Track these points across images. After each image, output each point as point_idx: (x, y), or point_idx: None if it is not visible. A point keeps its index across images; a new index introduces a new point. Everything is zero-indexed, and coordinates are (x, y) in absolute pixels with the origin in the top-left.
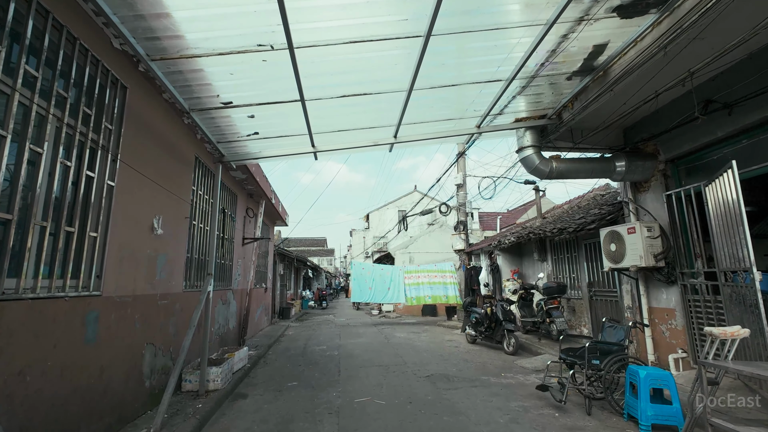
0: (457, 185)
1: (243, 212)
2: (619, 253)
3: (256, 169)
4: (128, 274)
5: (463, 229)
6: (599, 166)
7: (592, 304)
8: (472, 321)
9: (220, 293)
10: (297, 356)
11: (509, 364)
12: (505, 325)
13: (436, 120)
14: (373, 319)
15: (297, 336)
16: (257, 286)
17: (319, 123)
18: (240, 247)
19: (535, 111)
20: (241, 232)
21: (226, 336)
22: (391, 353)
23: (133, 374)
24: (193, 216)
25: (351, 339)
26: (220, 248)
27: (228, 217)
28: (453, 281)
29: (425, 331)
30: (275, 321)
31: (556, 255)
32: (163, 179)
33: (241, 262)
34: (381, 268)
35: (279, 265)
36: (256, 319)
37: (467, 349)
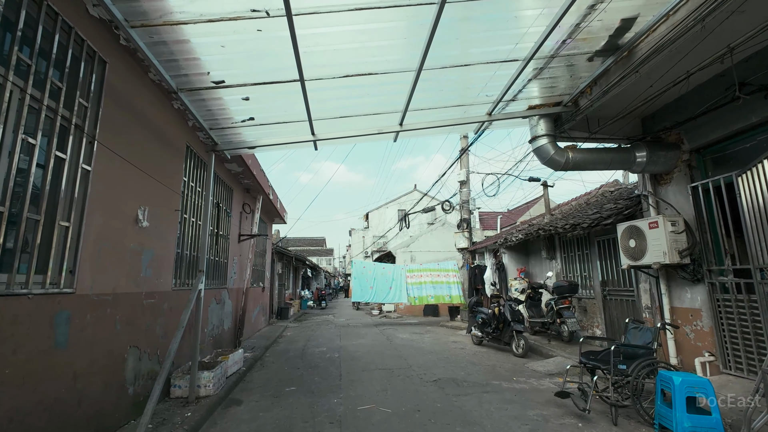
0: (460, 182)
1: (239, 208)
2: (639, 249)
3: (252, 161)
4: (108, 270)
5: (467, 227)
6: (618, 156)
7: (605, 304)
8: (479, 322)
9: (214, 292)
10: (296, 358)
11: (520, 367)
12: (514, 326)
13: (444, 106)
14: (374, 319)
15: (296, 337)
16: (254, 285)
17: (319, 108)
18: (236, 244)
19: (549, 98)
20: (237, 229)
21: (221, 337)
22: (394, 355)
23: (113, 381)
24: (184, 209)
25: (352, 340)
26: (214, 245)
27: (223, 212)
28: (456, 280)
29: (428, 331)
30: (273, 321)
31: (565, 253)
32: (150, 167)
33: (237, 259)
34: (382, 267)
35: (277, 264)
36: (253, 320)
37: (474, 351)
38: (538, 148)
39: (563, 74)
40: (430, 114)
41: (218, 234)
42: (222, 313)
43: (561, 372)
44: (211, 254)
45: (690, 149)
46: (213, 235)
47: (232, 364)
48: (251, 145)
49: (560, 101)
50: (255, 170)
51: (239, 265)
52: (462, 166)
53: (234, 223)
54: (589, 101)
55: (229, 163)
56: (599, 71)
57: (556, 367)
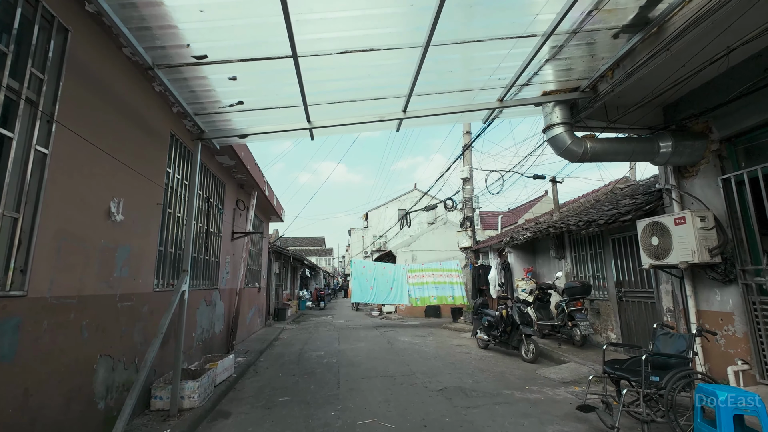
0: (463, 179)
1: (232, 204)
2: (663, 247)
3: (245, 154)
4: (71, 270)
5: (470, 225)
6: (640, 146)
7: (620, 306)
8: (485, 324)
9: (204, 293)
10: (291, 364)
11: (531, 374)
12: (523, 329)
13: (453, 90)
14: (374, 320)
15: (292, 340)
16: (249, 285)
17: (315, 91)
18: (228, 243)
19: (566, 82)
20: (230, 226)
21: (211, 341)
22: (396, 360)
23: (78, 395)
24: (169, 203)
25: (351, 343)
26: (203, 243)
27: (214, 207)
28: (459, 281)
29: (431, 334)
30: (270, 323)
31: (576, 252)
32: (127, 156)
33: (230, 258)
34: (383, 267)
35: (274, 263)
36: (247, 322)
37: (480, 356)
38: (554, 138)
39: (583, 54)
40: (436, 100)
41: (209, 231)
42: (212, 315)
43: (577, 380)
44: (200, 253)
45: (720, 138)
46: (203, 233)
47: (222, 371)
48: (241, 132)
49: (577, 86)
50: (248, 164)
51: (232, 264)
52: (465, 163)
53: (226, 220)
54: (610, 86)
55: (220, 155)
56: (624, 50)
57: (571, 375)
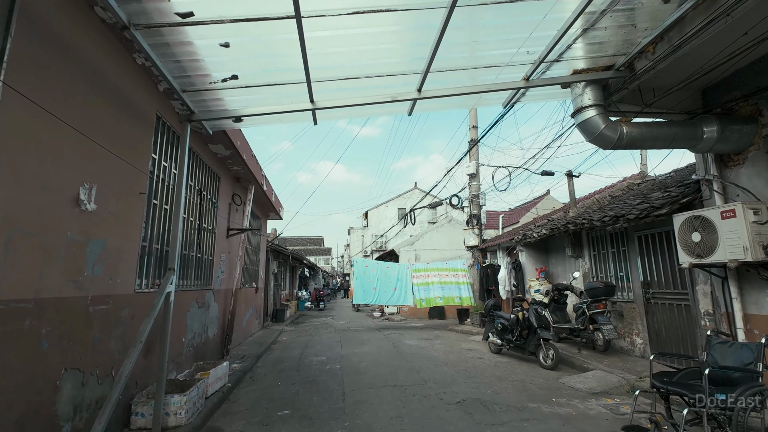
0: (470, 175)
1: (228, 198)
2: (707, 244)
3: (242, 144)
4: (26, 267)
5: (477, 223)
6: (682, 131)
7: (648, 309)
8: (497, 328)
9: (196, 294)
10: (291, 370)
11: (554, 383)
12: (541, 333)
13: (475, 67)
14: (376, 322)
15: (292, 343)
16: (246, 285)
17: (320, 65)
18: (224, 240)
19: (598, 59)
20: (225, 222)
21: (204, 347)
22: (404, 367)
23: (36, 419)
24: (154, 193)
25: (354, 347)
26: (195, 239)
27: (207, 201)
28: (466, 281)
29: (437, 337)
30: (268, 325)
31: (595, 250)
32: (103, 136)
33: (225, 257)
34: (386, 266)
35: (273, 263)
36: (244, 324)
37: (494, 362)
38: (585, 122)
39: (623, 24)
40: (455, 77)
41: (201, 227)
42: (206, 318)
43: (607, 391)
44: (191, 250)
45: None
46: (195, 228)
47: (214, 380)
48: (236, 114)
49: (612, 64)
50: (245, 155)
51: (228, 263)
52: (471, 158)
53: (221, 215)
54: (650, 62)
55: (214, 144)
56: (672, 19)
57: (599, 384)
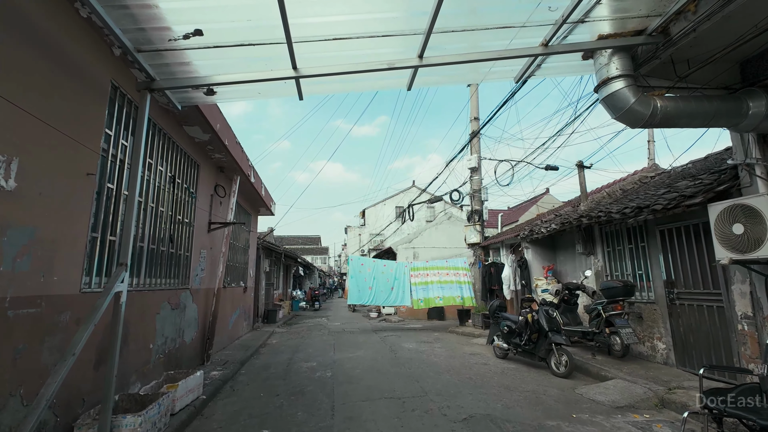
0: (471, 169)
1: (209, 189)
2: (752, 237)
3: (222, 126)
4: None
5: (479, 219)
6: (725, 107)
7: (672, 311)
8: (503, 330)
9: (168, 294)
10: (277, 379)
11: (570, 394)
12: (552, 337)
13: (486, 27)
14: (373, 323)
15: (281, 346)
16: (232, 284)
17: (301, 18)
18: (204, 235)
19: (627, 23)
20: (206, 215)
21: (179, 353)
22: (403, 375)
23: None
24: (110, 176)
25: (348, 351)
26: (168, 232)
27: (184, 191)
28: (467, 280)
29: (437, 340)
30: (258, 326)
31: (610, 246)
32: (34, 102)
33: (207, 253)
34: (383, 265)
35: (264, 261)
36: (230, 327)
37: (501, 369)
38: (611, 96)
39: None
40: (463, 40)
41: (176, 219)
42: (181, 321)
43: (633, 404)
44: (161, 244)
45: None
46: (167, 220)
47: (185, 393)
48: (205, 82)
49: (643, 28)
50: (227, 140)
51: (209, 260)
52: (473, 151)
53: (201, 207)
54: (690, 24)
55: (190, 126)
56: None
57: (623, 397)
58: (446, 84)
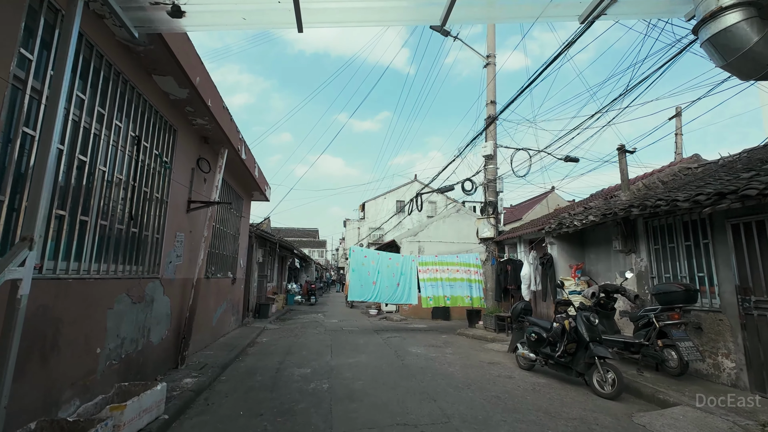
0: (486, 156)
1: (191, 162)
2: None
3: (203, 81)
4: None
5: (493, 212)
6: None
7: (747, 323)
8: (531, 338)
9: (128, 285)
10: (263, 389)
11: (628, 424)
12: (594, 349)
13: None
14: (373, 321)
15: (272, 346)
16: (217, 275)
17: None
18: (182, 215)
19: None
20: (185, 192)
21: (143, 357)
22: (415, 390)
23: None
24: (28, 117)
25: (347, 355)
26: (131, 207)
27: (155, 159)
28: (478, 278)
29: (447, 344)
30: (248, 322)
31: (658, 243)
32: None
33: (185, 237)
34: (388, 258)
35: (257, 251)
36: (214, 322)
37: (531, 384)
38: (723, 34)
39: None
40: None
41: (142, 192)
42: (146, 317)
43: None
44: (117, 221)
45: None
46: (129, 192)
47: (136, 415)
48: None
49: None
50: (210, 100)
51: (188, 245)
52: (488, 138)
53: (179, 182)
54: None
55: (161, 75)
56: None
57: (699, 429)
58: (490, 20)
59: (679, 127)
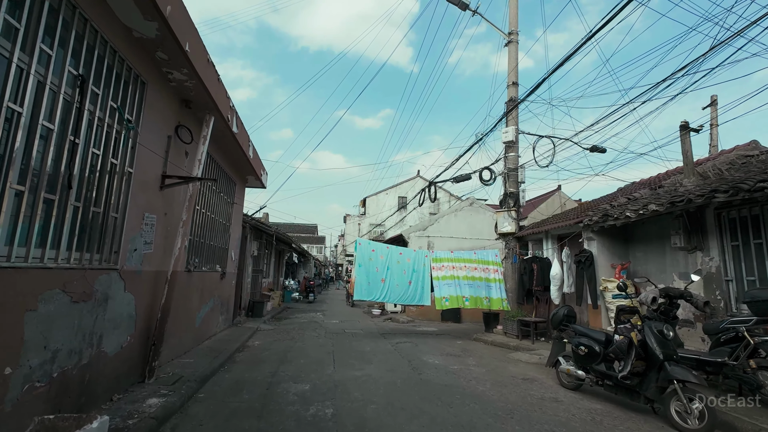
0: (507, 143)
1: (167, 128)
2: None
3: (179, 15)
4: None
5: (514, 204)
6: None
7: None
8: (579, 352)
9: (65, 277)
10: (248, 416)
11: None
12: (671, 369)
13: None
14: (377, 322)
15: (264, 352)
16: (203, 268)
17: None
18: (153, 191)
19: None
20: (158, 163)
21: (90, 373)
22: (446, 421)
23: None
24: None
25: (353, 367)
26: (65, 168)
27: (111, 112)
28: (498, 278)
29: (466, 351)
30: (240, 321)
31: (736, 239)
32: None
33: (158, 220)
34: (399, 253)
35: (252, 243)
36: (198, 323)
37: (587, 412)
38: None
39: None
40: None
41: (87, 153)
42: (95, 321)
43: None
44: (50, 190)
45: None
46: (69, 151)
47: None
48: None
49: None
50: (189, 45)
51: (161, 230)
52: (509, 123)
53: (150, 148)
54: None
55: None
56: None
57: None
58: None
59: (715, 117)
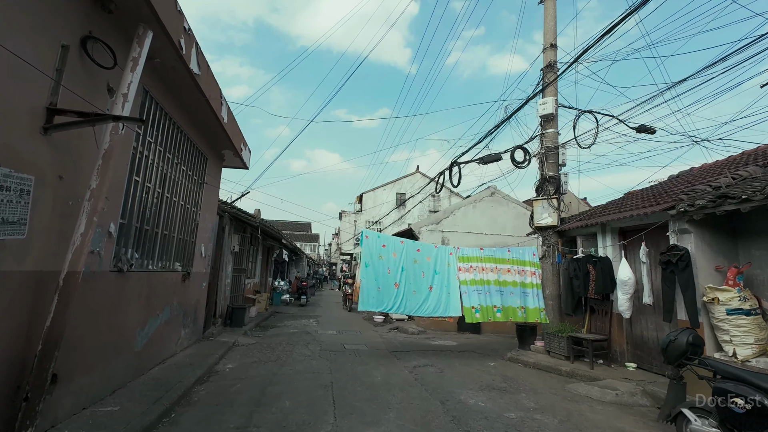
0: (543, 117)
1: (60, 31)
2: None
3: None
4: None
5: (555, 191)
6: None
7: None
8: (737, 408)
9: None
10: None
11: None
12: None
13: None
14: (381, 333)
15: (236, 384)
16: (148, 266)
17: None
18: (28, 134)
19: None
20: (37, 87)
21: None
22: None
23: None
24: None
25: (362, 419)
26: None
27: None
28: (536, 282)
29: (507, 379)
30: (213, 333)
31: None
32: None
33: (34, 185)
34: (416, 249)
35: (232, 236)
36: (140, 345)
37: None
38: None
39: None
40: None
41: None
42: None
43: None
44: None
45: None
46: None
47: None
48: None
49: None
50: None
51: (47, 202)
52: (547, 94)
53: (15, 49)
54: None
55: None
56: None
57: None
58: None
59: None
